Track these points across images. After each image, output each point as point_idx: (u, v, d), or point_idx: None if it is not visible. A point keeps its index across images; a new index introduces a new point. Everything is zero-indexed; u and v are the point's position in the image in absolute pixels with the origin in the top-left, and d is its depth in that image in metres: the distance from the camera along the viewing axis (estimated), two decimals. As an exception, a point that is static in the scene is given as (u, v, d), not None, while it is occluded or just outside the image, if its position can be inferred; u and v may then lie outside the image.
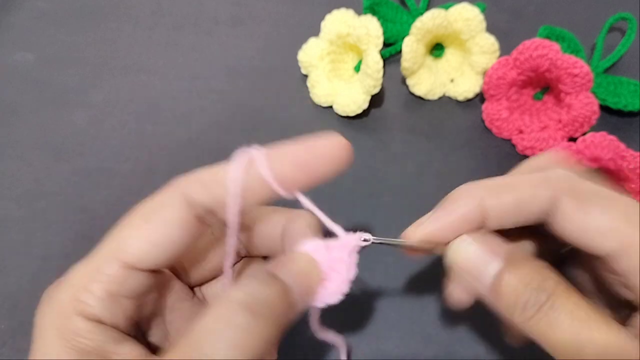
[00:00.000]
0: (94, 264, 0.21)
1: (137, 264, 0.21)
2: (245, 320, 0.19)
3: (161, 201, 0.22)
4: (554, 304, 0.21)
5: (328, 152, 0.22)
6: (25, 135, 0.39)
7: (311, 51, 0.41)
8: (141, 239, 0.21)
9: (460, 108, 0.41)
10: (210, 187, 0.21)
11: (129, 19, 0.46)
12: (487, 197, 0.23)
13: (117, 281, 0.21)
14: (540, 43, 0.36)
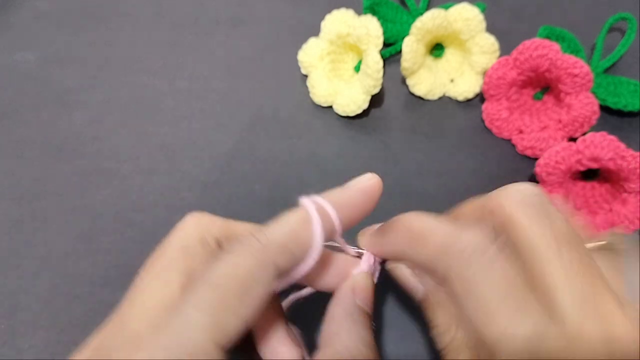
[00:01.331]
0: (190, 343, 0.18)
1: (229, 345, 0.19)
2: None
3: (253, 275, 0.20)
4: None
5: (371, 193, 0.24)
6: (25, 135, 0.40)
7: (311, 51, 0.41)
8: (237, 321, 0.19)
9: (460, 108, 0.41)
10: (296, 254, 0.21)
11: (129, 19, 0.46)
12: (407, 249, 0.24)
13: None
14: (540, 43, 0.36)
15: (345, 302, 0.24)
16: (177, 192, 0.37)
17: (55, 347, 0.31)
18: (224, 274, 0.19)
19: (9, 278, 0.33)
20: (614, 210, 0.35)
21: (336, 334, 0.22)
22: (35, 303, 0.33)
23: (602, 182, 0.36)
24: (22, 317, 0.32)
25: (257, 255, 0.20)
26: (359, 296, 0.24)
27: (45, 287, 0.33)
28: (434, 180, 0.37)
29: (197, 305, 0.18)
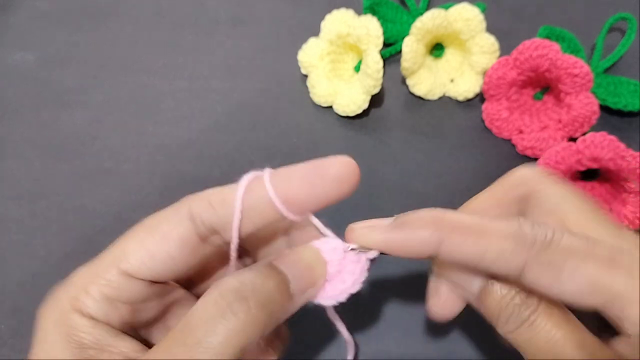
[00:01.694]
0: (95, 268, 0.22)
1: (135, 274, 0.21)
2: (239, 308, 0.19)
3: (166, 216, 0.22)
4: (534, 322, 0.21)
5: (335, 173, 0.21)
6: (25, 135, 0.39)
7: (311, 51, 0.41)
8: (141, 251, 0.21)
9: (460, 108, 0.41)
10: (216, 207, 0.21)
11: (129, 19, 0.46)
12: (449, 238, 0.21)
13: (114, 286, 0.21)
14: (540, 43, 0.36)
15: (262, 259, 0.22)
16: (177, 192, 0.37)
17: (55, 347, 0.31)
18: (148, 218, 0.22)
19: (9, 278, 0.33)
20: (614, 210, 0.35)
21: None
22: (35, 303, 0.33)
23: (602, 182, 0.36)
24: (22, 317, 0.32)
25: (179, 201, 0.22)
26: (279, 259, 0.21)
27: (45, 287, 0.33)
28: (434, 180, 0.37)
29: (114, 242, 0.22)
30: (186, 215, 0.21)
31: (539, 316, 0.21)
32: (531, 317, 0.21)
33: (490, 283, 0.22)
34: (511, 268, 0.21)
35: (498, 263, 0.21)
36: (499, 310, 0.22)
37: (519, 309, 0.21)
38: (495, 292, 0.22)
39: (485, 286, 0.22)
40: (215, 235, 0.22)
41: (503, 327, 0.22)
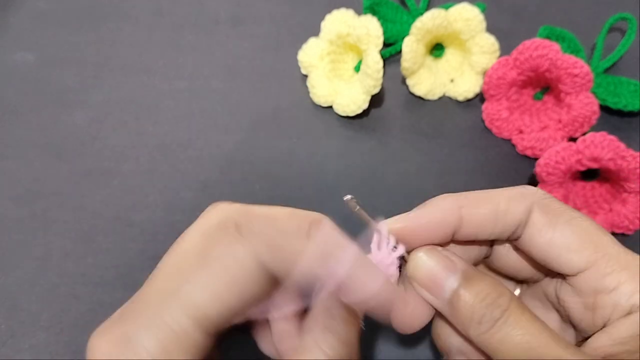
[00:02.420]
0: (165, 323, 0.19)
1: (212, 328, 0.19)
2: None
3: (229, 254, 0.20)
4: (507, 319, 0.21)
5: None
6: (25, 135, 0.39)
7: (311, 51, 0.41)
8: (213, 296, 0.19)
9: (460, 108, 0.41)
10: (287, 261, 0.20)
11: (129, 19, 0.46)
12: (465, 205, 0.23)
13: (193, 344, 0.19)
14: (540, 43, 0.36)
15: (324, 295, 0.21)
16: (177, 192, 0.37)
17: (55, 347, 0.31)
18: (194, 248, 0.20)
19: (9, 278, 0.33)
20: (614, 210, 0.35)
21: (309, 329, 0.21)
22: (35, 303, 0.33)
23: (602, 182, 0.36)
24: (22, 317, 0.32)
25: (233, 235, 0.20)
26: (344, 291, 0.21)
27: (45, 287, 0.33)
28: (434, 180, 0.37)
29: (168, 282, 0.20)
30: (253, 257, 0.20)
31: (511, 314, 0.21)
32: (504, 314, 0.21)
33: (461, 287, 0.22)
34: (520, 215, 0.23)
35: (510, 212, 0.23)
36: (471, 313, 0.22)
37: (491, 308, 0.21)
38: (466, 295, 0.22)
39: (457, 291, 0.22)
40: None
41: (476, 329, 0.22)
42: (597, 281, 0.22)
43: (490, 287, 0.22)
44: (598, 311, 0.22)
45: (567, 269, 0.22)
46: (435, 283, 0.23)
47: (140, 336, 0.19)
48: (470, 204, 0.24)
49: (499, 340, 0.21)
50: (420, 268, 0.23)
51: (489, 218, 0.23)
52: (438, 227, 0.24)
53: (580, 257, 0.22)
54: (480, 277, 0.23)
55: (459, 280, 0.22)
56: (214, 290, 0.19)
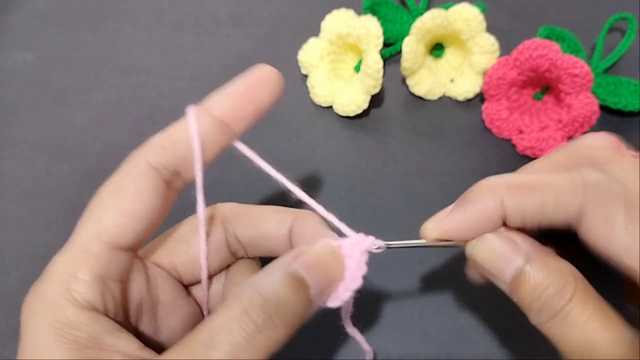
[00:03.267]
0: (76, 249, 0.21)
1: (120, 241, 0.21)
2: (265, 326, 0.18)
3: (126, 173, 0.22)
4: (568, 313, 0.20)
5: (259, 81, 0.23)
6: (25, 135, 0.39)
7: (311, 51, 0.41)
8: (119, 215, 0.21)
9: (460, 108, 0.41)
10: (171, 148, 0.22)
11: (129, 19, 0.46)
12: (508, 197, 0.22)
13: (103, 262, 0.20)
14: (540, 43, 0.36)
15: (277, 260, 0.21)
16: (177, 192, 0.37)
17: (55, 347, 0.31)
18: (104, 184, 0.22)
19: (9, 278, 0.33)
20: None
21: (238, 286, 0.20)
22: (35, 303, 0.33)
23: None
24: (22, 317, 0.32)
25: (130, 158, 0.22)
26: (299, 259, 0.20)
27: (45, 287, 0.33)
28: (434, 180, 0.37)
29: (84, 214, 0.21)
30: (146, 166, 0.21)
31: (574, 307, 0.20)
32: (565, 308, 0.20)
33: (523, 272, 0.21)
34: (571, 212, 0.21)
35: (558, 209, 0.21)
36: (532, 300, 0.21)
37: (552, 299, 0.21)
38: (528, 281, 0.21)
39: (518, 275, 0.21)
40: (177, 177, 0.22)
41: (536, 317, 0.21)
42: None
43: (555, 274, 0.21)
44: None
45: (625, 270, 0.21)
46: (498, 263, 0.22)
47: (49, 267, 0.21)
48: (514, 195, 0.22)
49: (559, 334, 0.21)
50: (482, 247, 0.22)
51: (535, 212, 0.22)
52: (482, 224, 0.23)
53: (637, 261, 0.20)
54: (546, 261, 0.21)
55: (523, 262, 0.21)
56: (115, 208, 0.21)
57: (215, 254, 0.25)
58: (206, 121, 0.22)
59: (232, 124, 0.23)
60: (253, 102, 0.23)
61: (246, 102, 0.23)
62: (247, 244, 0.25)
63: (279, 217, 0.25)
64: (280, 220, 0.25)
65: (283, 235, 0.24)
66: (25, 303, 0.20)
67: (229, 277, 0.26)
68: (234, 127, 0.23)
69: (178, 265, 0.24)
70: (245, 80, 0.23)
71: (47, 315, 0.19)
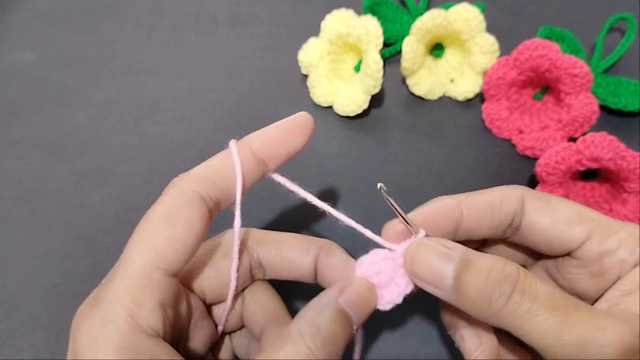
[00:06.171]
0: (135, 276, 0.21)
1: (174, 268, 0.21)
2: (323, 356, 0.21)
3: (176, 201, 0.22)
4: (523, 292, 0.21)
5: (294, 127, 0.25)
6: (25, 135, 0.40)
7: (311, 51, 0.41)
8: (173, 242, 0.21)
9: (460, 108, 0.41)
10: (217, 181, 0.23)
11: (129, 19, 0.46)
12: (463, 200, 0.25)
13: (164, 289, 0.21)
14: (540, 43, 0.36)
15: (324, 296, 0.23)
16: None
17: (55, 347, 0.31)
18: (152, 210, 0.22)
19: (9, 278, 0.33)
20: (613, 210, 0.35)
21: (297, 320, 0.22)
22: (35, 303, 0.33)
23: (602, 182, 0.36)
24: (22, 317, 0.32)
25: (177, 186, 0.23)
26: (344, 296, 0.23)
27: (45, 287, 0.33)
28: (434, 180, 0.37)
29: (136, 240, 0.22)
30: (195, 196, 0.22)
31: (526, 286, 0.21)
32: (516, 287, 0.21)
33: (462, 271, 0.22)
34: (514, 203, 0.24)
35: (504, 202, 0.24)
36: (479, 293, 0.21)
37: (499, 284, 0.21)
38: (469, 277, 0.22)
39: (459, 276, 0.22)
40: (217, 207, 0.24)
41: (489, 308, 0.21)
42: (600, 246, 0.23)
43: (493, 261, 0.22)
44: (606, 274, 0.23)
45: (571, 244, 0.23)
46: (435, 274, 0.22)
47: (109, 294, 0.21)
48: (468, 199, 0.25)
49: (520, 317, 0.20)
50: (418, 262, 0.23)
51: (487, 208, 0.24)
52: (442, 221, 0.24)
53: (581, 229, 0.23)
54: (480, 256, 0.22)
55: (459, 264, 0.22)
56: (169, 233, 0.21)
57: (240, 278, 0.26)
58: (247, 155, 0.24)
59: (267, 162, 0.25)
60: (285, 147, 0.25)
61: (280, 145, 0.25)
62: (269, 268, 0.27)
63: (305, 245, 0.27)
64: (305, 248, 0.27)
65: (307, 263, 0.27)
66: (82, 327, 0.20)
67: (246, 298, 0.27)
68: (268, 164, 0.25)
69: (206, 288, 0.26)
70: (283, 125, 0.25)
71: (112, 341, 0.20)
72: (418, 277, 0.23)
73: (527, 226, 0.24)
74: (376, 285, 0.25)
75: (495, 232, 0.25)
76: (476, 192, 0.25)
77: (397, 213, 0.24)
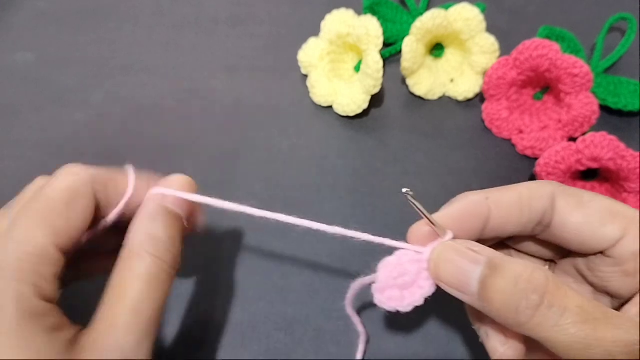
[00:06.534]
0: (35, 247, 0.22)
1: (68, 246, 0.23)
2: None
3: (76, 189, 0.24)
4: (551, 304, 0.20)
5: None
6: (25, 135, 0.39)
7: (311, 51, 0.41)
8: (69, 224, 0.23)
9: (460, 108, 0.41)
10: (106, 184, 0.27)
11: (129, 19, 0.46)
12: (491, 196, 0.24)
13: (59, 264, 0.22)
14: (540, 43, 0.36)
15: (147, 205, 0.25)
16: (177, 192, 0.37)
17: (55, 347, 0.31)
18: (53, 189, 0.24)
19: (9, 278, 0.33)
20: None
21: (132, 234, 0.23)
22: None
23: (602, 182, 0.36)
24: (22, 317, 0.32)
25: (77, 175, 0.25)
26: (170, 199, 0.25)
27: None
28: (434, 180, 0.37)
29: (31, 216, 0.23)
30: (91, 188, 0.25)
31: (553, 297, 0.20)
32: (544, 299, 0.20)
33: (488, 277, 0.21)
34: (544, 200, 0.23)
35: (534, 199, 0.23)
36: (506, 302, 0.20)
37: (526, 294, 0.20)
38: (496, 283, 0.21)
39: (485, 280, 0.21)
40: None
41: (515, 319, 0.20)
42: (635, 244, 0.22)
43: (521, 269, 0.21)
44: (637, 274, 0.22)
45: (604, 243, 0.22)
46: (461, 278, 0.22)
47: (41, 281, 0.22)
48: (496, 196, 0.24)
49: (548, 329, 0.20)
50: (443, 266, 0.22)
51: (515, 205, 0.24)
52: (470, 221, 0.24)
53: (614, 227, 0.22)
54: (508, 261, 0.21)
55: (486, 269, 0.21)
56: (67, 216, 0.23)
57: None
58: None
59: None
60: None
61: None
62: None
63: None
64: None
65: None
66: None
67: None
68: None
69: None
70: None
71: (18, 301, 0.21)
72: (443, 281, 0.23)
73: (557, 224, 0.23)
74: (399, 286, 0.24)
75: (524, 230, 0.24)
76: (503, 188, 0.24)
77: (424, 215, 0.23)
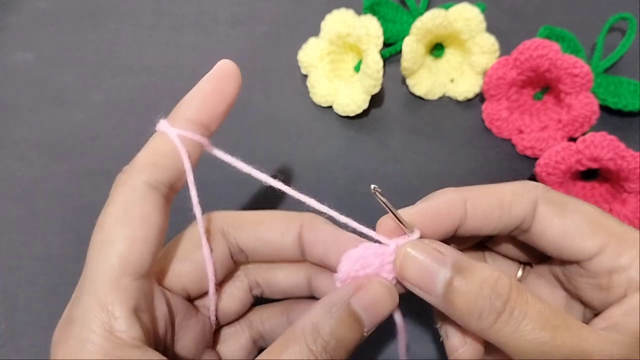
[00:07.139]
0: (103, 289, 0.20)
1: (141, 269, 0.20)
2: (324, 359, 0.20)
3: (127, 199, 0.22)
4: (512, 311, 0.20)
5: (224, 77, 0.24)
6: (25, 135, 0.39)
7: (311, 51, 0.41)
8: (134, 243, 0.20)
9: (460, 108, 0.41)
10: (163, 163, 0.22)
11: (129, 19, 0.46)
12: (470, 198, 0.23)
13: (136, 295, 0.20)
14: (540, 43, 0.36)
15: (335, 294, 0.22)
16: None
17: (55, 347, 0.31)
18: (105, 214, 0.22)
19: (9, 278, 0.33)
20: (613, 210, 0.35)
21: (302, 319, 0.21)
22: (35, 303, 0.33)
23: (602, 182, 0.36)
24: (22, 317, 0.32)
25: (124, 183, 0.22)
26: (357, 297, 0.22)
27: (45, 287, 0.33)
28: (434, 180, 0.37)
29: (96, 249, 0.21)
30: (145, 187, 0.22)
31: (516, 304, 0.20)
32: (507, 305, 0.20)
33: (454, 279, 0.21)
34: (525, 205, 0.22)
35: (515, 204, 0.23)
36: (469, 306, 0.20)
37: (490, 300, 0.20)
38: (460, 287, 0.21)
39: (449, 284, 0.21)
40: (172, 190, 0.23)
41: (477, 323, 0.21)
42: (611, 262, 0.22)
43: (486, 274, 0.21)
44: (613, 290, 0.22)
45: (581, 256, 0.22)
46: (426, 278, 0.21)
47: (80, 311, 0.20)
48: (475, 197, 0.23)
49: (507, 335, 0.20)
50: (408, 264, 0.22)
51: (495, 211, 0.23)
52: (443, 220, 0.23)
53: (593, 242, 0.22)
54: (474, 265, 0.21)
55: (451, 271, 0.21)
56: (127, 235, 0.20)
57: (221, 265, 0.25)
58: (186, 127, 0.23)
59: (209, 124, 0.24)
60: (223, 100, 0.24)
61: (217, 100, 0.24)
62: (250, 252, 0.25)
63: (284, 224, 0.25)
64: (285, 228, 0.25)
65: (289, 243, 0.25)
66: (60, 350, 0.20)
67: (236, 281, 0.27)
68: (211, 126, 0.24)
69: (187, 284, 0.24)
70: (211, 79, 0.24)
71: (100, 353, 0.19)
72: (407, 280, 0.22)
73: (536, 231, 0.23)
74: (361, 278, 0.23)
75: (501, 233, 0.24)
76: (485, 188, 0.24)
77: (391, 212, 0.23)
